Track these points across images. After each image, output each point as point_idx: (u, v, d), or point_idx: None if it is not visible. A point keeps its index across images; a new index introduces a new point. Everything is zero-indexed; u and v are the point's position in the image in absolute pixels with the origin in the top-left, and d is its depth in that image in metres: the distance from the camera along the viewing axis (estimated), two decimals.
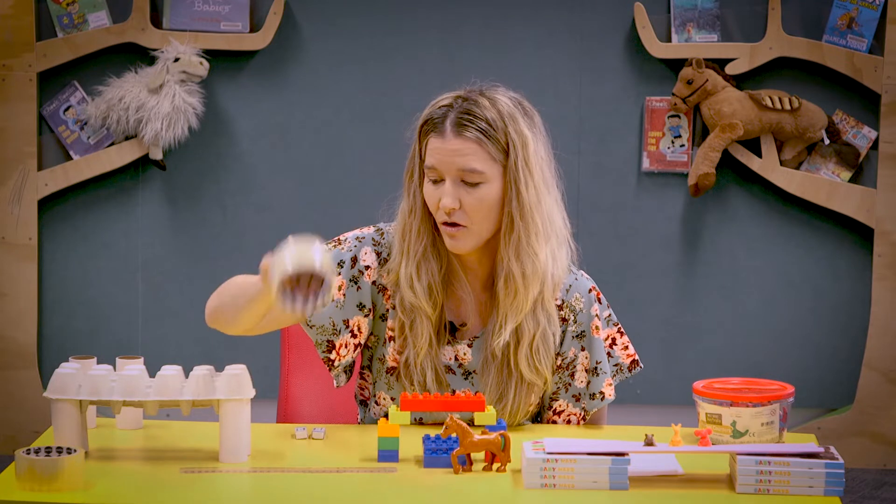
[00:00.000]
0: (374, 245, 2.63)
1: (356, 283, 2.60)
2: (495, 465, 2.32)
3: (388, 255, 2.62)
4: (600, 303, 2.65)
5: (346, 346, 2.60)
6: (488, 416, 2.40)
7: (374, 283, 2.62)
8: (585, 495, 2.21)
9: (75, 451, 2.20)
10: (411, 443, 2.42)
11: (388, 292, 2.61)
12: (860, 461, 4.91)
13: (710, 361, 4.97)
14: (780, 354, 4.99)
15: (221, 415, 2.35)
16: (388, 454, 2.36)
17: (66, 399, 2.35)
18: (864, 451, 4.92)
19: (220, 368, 2.41)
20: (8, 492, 2.17)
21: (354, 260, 2.61)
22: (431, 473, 2.31)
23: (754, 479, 2.21)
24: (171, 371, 2.39)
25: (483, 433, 2.31)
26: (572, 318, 2.63)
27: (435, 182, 2.54)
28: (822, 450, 2.24)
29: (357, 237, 2.63)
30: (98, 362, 2.50)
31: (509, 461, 2.31)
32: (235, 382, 2.36)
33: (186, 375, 2.40)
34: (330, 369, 2.61)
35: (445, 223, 2.54)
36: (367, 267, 2.61)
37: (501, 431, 2.32)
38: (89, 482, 2.21)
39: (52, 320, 5.03)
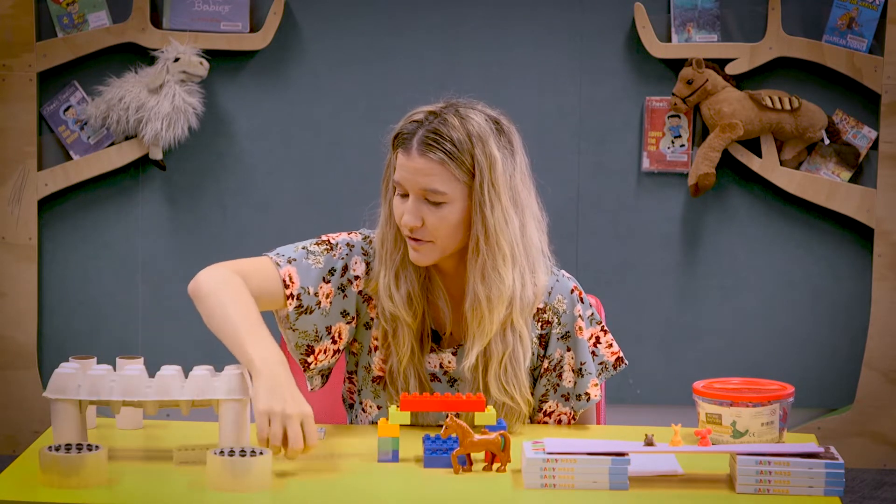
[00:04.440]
0: (364, 255, 2.62)
1: (343, 290, 2.60)
2: (495, 465, 2.32)
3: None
4: (583, 302, 2.64)
5: (324, 352, 2.60)
6: (488, 416, 2.40)
7: (360, 292, 2.62)
8: (585, 495, 2.21)
9: (97, 447, 2.21)
10: (411, 443, 2.42)
11: (373, 302, 2.62)
12: (860, 461, 4.91)
13: (710, 361, 4.97)
14: (780, 354, 4.98)
15: (221, 415, 2.35)
16: (388, 454, 2.36)
17: (66, 399, 2.35)
18: (864, 451, 4.92)
19: (219, 368, 2.41)
20: (22, 489, 2.18)
21: (345, 269, 2.60)
22: (431, 473, 2.31)
23: (754, 479, 2.21)
24: (170, 371, 2.39)
25: (483, 433, 2.31)
26: (556, 320, 2.62)
27: (402, 196, 2.54)
28: (822, 450, 2.24)
29: (348, 243, 2.62)
30: (98, 362, 2.50)
31: (509, 461, 2.31)
32: (235, 382, 2.36)
33: (186, 375, 2.40)
34: (304, 370, 2.61)
35: (409, 237, 2.54)
36: (357, 277, 2.61)
37: (501, 431, 2.32)
38: (100, 480, 2.21)
39: (52, 320, 5.03)
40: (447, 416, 2.59)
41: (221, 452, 2.21)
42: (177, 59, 4.78)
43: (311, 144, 4.97)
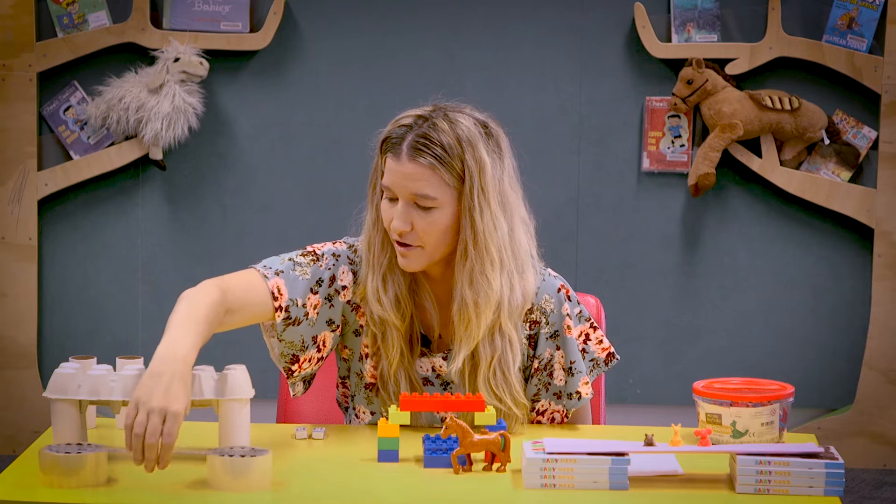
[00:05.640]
0: (350, 264, 2.62)
1: (330, 300, 2.59)
2: (495, 465, 2.32)
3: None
4: (570, 300, 2.64)
5: (309, 361, 2.60)
6: (488, 416, 2.40)
7: (348, 302, 2.61)
8: (585, 495, 2.21)
9: (97, 447, 2.21)
10: (411, 443, 2.42)
11: (361, 309, 2.61)
12: (860, 461, 4.91)
13: (710, 361, 4.97)
14: (780, 354, 4.99)
15: (221, 415, 2.35)
16: (388, 454, 2.36)
17: (66, 399, 2.35)
18: (864, 451, 4.92)
19: (219, 368, 2.41)
20: (22, 489, 2.18)
21: (333, 279, 2.60)
22: (431, 473, 2.31)
23: (754, 479, 2.21)
24: None
25: (483, 433, 2.31)
26: (544, 319, 2.62)
27: (391, 200, 2.53)
28: (822, 450, 2.24)
29: (333, 253, 2.62)
30: (98, 362, 2.50)
31: (509, 461, 2.31)
32: (235, 382, 2.36)
33: None
34: (287, 377, 2.61)
35: (398, 242, 2.54)
36: (345, 287, 2.61)
37: (501, 431, 2.32)
38: (100, 480, 2.21)
39: (52, 320, 5.03)
40: (442, 418, 2.59)
41: (221, 452, 2.21)
42: (177, 59, 4.78)
43: (311, 144, 4.97)
